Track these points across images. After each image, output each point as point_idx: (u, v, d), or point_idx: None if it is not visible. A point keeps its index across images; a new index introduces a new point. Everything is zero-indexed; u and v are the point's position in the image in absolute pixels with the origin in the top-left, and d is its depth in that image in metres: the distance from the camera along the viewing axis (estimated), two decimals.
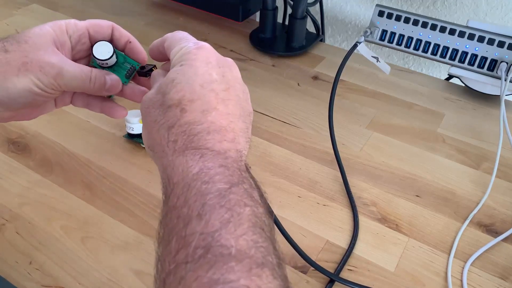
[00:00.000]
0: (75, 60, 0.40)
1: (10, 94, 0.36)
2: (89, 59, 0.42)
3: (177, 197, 0.28)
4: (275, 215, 0.41)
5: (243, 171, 0.30)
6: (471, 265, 0.47)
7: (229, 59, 0.36)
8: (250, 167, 0.33)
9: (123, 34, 0.42)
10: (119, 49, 0.42)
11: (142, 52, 0.42)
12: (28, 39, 0.37)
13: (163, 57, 0.38)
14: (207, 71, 0.33)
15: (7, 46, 0.36)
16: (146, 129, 0.35)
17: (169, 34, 0.37)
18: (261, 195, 0.30)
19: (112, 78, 0.40)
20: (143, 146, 0.58)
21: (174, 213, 0.27)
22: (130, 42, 0.42)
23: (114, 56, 0.41)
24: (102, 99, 0.43)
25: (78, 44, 0.40)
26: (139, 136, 0.58)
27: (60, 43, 0.39)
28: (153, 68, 0.41)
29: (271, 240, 0.27)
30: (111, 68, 0.41)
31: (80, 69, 0.38)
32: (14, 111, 0.39)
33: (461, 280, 0.46)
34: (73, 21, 0.40)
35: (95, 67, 0.40)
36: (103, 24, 0.41)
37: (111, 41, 0.41)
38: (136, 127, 0.57)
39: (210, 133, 0.31)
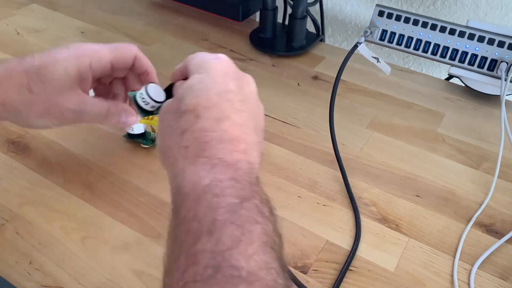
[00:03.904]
0: (94, 88, 0.45)
1: (29, 127, 0.44)
2: (106, 88, 0.46)
3: (188, 210, 0.27)
4: None
5: (253, 185, 0.29)
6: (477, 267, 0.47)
7: (248, 75, 0.37)
8: (259, 180, 0.32)
9: (143, 65, 0.44)
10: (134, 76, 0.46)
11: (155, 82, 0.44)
12: (52, 80, 0.39)
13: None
14: (224, 80, 0.34)
15: (31, 84, 0.39)
16: (160, 135, 0.35)
17: (189, 56, 0.38)
18: (271, 211, 0.29)
19: (130, 119, 0.44)
20: (143, 146, 0.58)
21: (183, 227, 0.27)
22: (147, 74, 0.45)
23: None
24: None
25: (100, 77, 0.44)
26: (139, 136, 0.57)
27: (82, 78, 0.41)
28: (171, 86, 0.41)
29: (280, 259, 0.26)
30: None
31: (98, 109, 0.42)
32: None
33: (468, 284, 0.45)
34: (97, 55, 0.42)
35: (133, 102, 0.42)
36: (127, 56, 0.43)
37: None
38: (136, 127, 0.56)
39: (222, 142, 0.31)
